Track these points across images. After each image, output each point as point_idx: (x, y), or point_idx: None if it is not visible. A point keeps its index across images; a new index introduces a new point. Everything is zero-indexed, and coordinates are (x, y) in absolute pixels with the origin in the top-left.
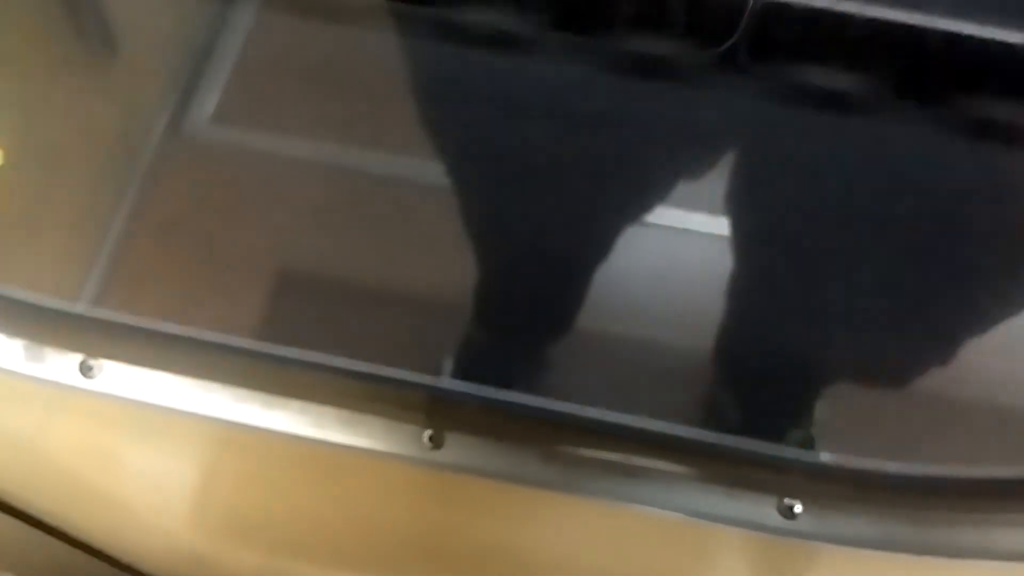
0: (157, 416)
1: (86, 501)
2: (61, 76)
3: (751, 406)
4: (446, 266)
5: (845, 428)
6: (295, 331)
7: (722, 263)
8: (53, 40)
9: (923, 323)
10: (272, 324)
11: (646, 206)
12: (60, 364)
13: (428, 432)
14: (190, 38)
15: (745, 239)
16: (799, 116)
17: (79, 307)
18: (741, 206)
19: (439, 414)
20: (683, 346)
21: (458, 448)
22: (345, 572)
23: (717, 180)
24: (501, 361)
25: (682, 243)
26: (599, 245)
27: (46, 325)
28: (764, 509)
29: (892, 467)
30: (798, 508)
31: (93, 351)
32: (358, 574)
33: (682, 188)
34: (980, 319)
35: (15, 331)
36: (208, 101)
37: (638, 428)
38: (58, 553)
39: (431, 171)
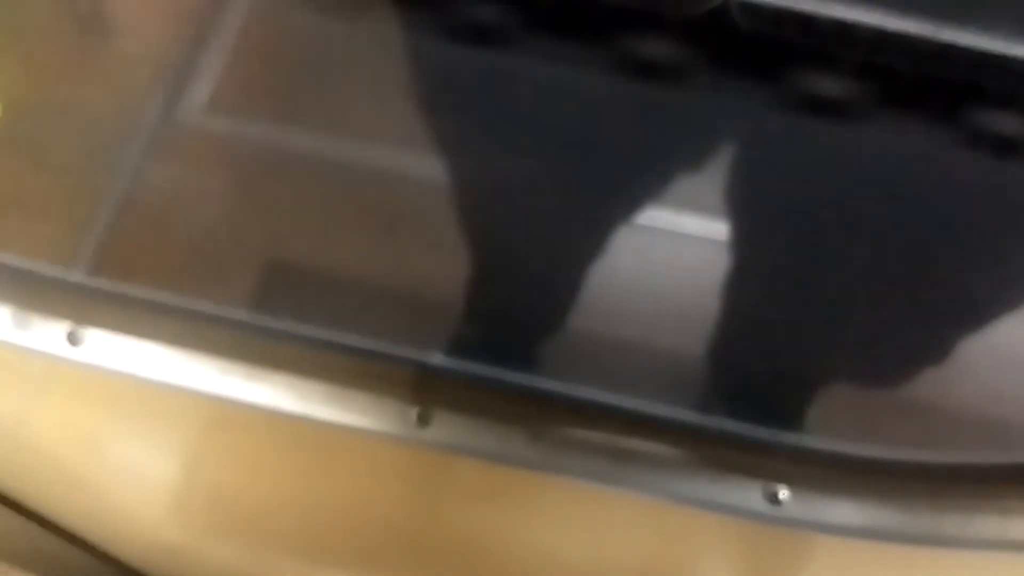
0: (141, 401)
1: (67, 487)
2: (53, 60)
3: (742, 409)
4: (437, 260)
5: (832, 412)
6: (283, 314)
7: (717, 266)
8: (46, 24)
9: (919, 327)
10: (260, 309)
11: (643, 200)
12: (47, 332)
13: (416, 410)
14: (186, 25)
15: (741, 237)
16: (796, 118)
17: (71, 275)
18: (737, 203)
19: (427, 391)
20: (675, 347)
21: (445, 427)
22: (328, 564)
23: (713, 183)
24: (490, 358)
25: (678, 246)
26: (594, 240)
27: (36, 291)
28: (749, 494)
29: (879, 452)
30: (784, 494)
31: (81, 319)
32: (340, 566)
33: (678, 190)
34: (976, 321)
35: (3, 297)
36: (203, 89)
37: (626, 408)
38: (37, 538)
39: (426, 165)
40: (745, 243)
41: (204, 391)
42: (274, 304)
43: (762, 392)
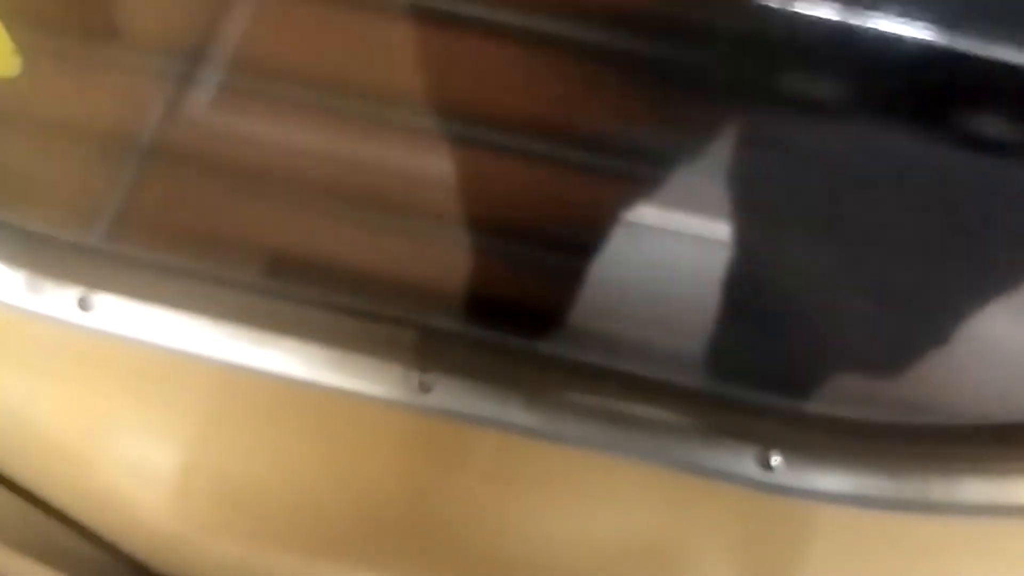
0: (147, 380)
1: (70, 473)
2: (59, 55)
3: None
4: (440, 257)
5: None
6: (289, 281)
7: (716, 263)
8: (53, 18)
9: (923, 313)
10: (266, 277)
11: (641, 192)
12: (59, 298)
13: (417, 375)
14: (193, 21)
15: (741, 230)
16: (798, 118)
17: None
18: (739, 198)
19: (430, 356)
20: (673, 344)
21: (447, 392)
22: (331, 551)
23: (711, 184)
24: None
25: (676, 245)
26: (595, 234)
27: (48, 257)
28: (742, 460)
29: (871, 415)
30: (776, 460)
31: (93, 285)
32: (345, 554)
33: (677, 191)
34: (979, 305)
35: (17, 262)
36: (209, 85)
37: (623, 371)
38: (40, 524)
39: (429, 161)
40: (745, 236)
41: (211, 356)
42: (279, 275)
43: (762, 385)
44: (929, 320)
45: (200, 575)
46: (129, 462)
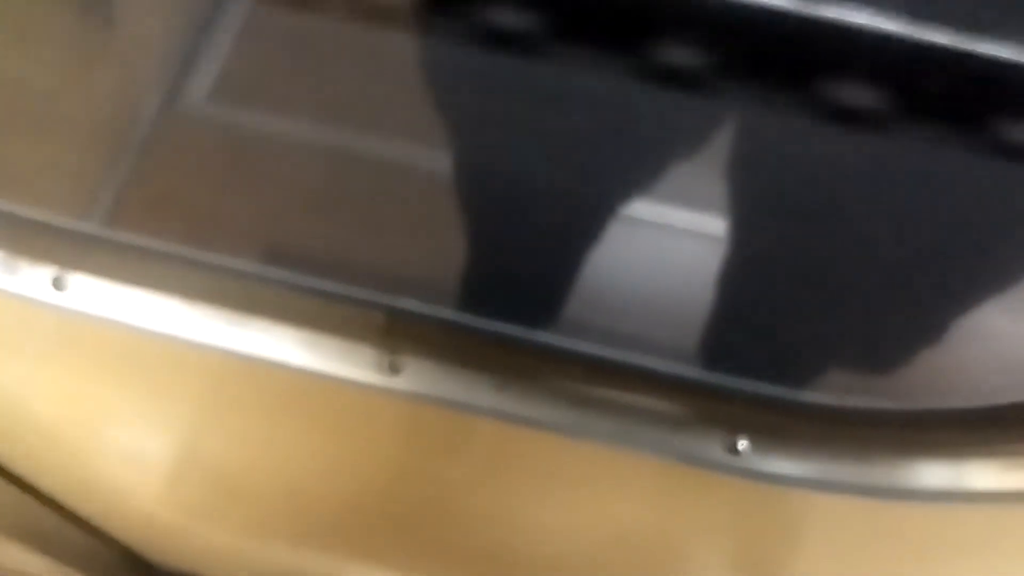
0: (133, 365)
1: (62, 460)
2: (55, 44)
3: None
4: (435, 251)
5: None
6: (265, 262)
7: (708, 259)
8: (49, 7)
9: (915, 313)
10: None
11: (639, 185)
12: (33, 277)
13: (388, 357)
14: (190, 12)
15: (738, 226)
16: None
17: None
18: (737, 194)
19: (400, 338)
20: (666, 337)
21: (417, 374)
22: (325, 541)
23: (708, 180)
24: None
25: (673, 241)
26: (591, 227)
27: (24, 236)
28: (709, 444)
29: (840, 400)
30: (742, 444)
31: (67, 264)
32: (328, 545)
33: (674, 188)
34: (971, 306)
35: None
36: (206, 77)
37: (593, 355)
38: (30, 510)
39: (427, 156)
40: (741, 232)
41: (183, 337)
42: (259, 259)
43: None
44: (923, 319)
45: (190, 561)
46: (120, 450)
